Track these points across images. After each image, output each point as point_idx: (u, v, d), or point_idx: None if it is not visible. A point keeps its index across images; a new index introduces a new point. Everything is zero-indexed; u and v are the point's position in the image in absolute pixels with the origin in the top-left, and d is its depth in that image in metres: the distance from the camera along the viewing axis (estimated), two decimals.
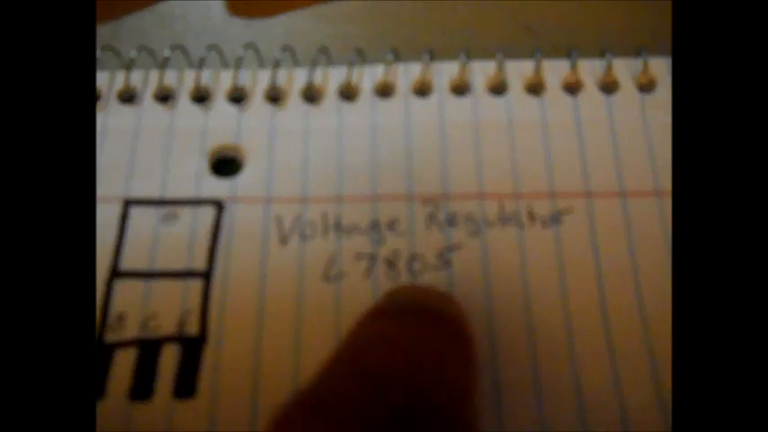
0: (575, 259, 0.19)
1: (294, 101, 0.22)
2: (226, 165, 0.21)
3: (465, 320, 0.16)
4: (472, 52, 0.22)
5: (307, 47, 0.23)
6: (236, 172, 0.21)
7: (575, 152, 0.21)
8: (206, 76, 0.22)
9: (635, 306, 0.19)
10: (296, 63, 0.23)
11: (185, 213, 0.20)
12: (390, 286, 0.19)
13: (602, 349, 0.18)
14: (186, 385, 0.18)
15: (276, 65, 0.22)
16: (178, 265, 0.19)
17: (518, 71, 0.22)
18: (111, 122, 0.22)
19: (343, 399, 0.13)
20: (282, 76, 0.22)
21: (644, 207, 0.20)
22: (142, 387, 0.18)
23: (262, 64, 0.23)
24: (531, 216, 0.20)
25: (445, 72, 0.22)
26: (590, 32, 0.24)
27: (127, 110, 0.22)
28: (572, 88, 0.22)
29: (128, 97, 0.22)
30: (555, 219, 0.20)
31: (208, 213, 0.20)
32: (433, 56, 0.22)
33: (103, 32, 0.24)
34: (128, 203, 0.20)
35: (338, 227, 0.20)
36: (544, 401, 0.18)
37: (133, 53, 0.22)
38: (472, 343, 0.16)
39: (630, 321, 0.18)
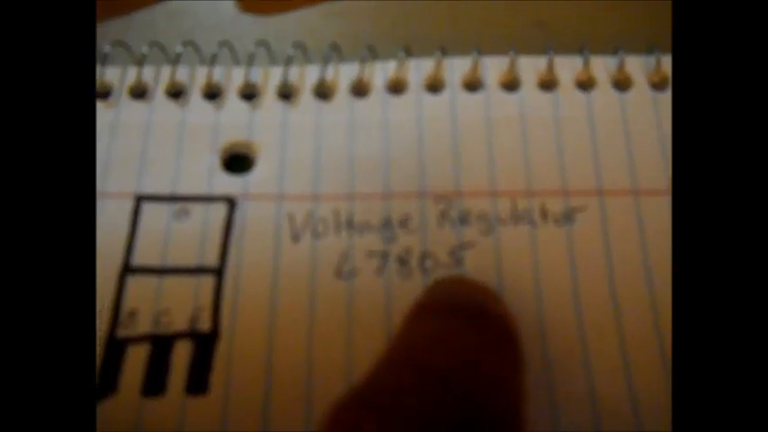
0: (587, 258, 0.19)
1: (306, 97, 0.22)
2: (238, 161, 0.21)
3: (512, 319, 0.17)
4: (484, 48, 0.22)
5: (318, 44, 0.23)
6: (248, 169, 0.21)
7: (587, 149, 0.21)
8: (218, 73, 0.22)
9: (647, 304, 0.19)
10: (307, 60, 0.23)
11: (197, 210, 0.20)
12: (405, 285, 0.19)
13: (615, 348, 0.18)
14: (199, 381, 0.18)
15: (288, 61, 0.22)
16: (190, 261, 0.19)
17: (531, 67, 0.22)
18: (123, 118, 0.22)
19: (400, 396, 0.13)
20: (294, 73, 0.22)
21: (657, 205, 0.20)
22: (154, 383, 0.18)
23: (273, 61, 0.23)
24: (544, 214, 0.20)
25: (457, 68, 0.22)
26: (603, 29, 0.24)
27: (138, 105, 0.22)
28: (585, 85, 0.22)
29: (139, 93, 0.22)
30: (568, 217, 0.20)
31: (220, 210, 0.20)
32: (445, 52, 0.22)
33: (113, 28, 0.24)
34: (140, 199, 0.20)
35: (350, 224, 0.20)
36: (557, 398, 0.18)
37: (145, 49, 0.22)
38: (520, 344, 0.16)
39: (643, 320, 0.18)
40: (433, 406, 0.13)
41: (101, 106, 0.22)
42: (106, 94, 0.22)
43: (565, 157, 0.21)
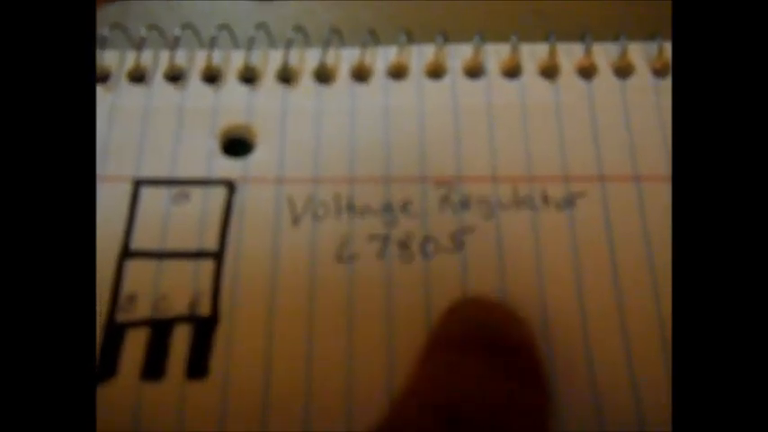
0: (588, 242, 0.19)
1: (306, 81, 0.22)
2: (237, 145, 0.21)
3: (534, 343, 0.16)
4: (486, 35, 0.22)
5: (318, 28, 0.22)
6: (248, 152, 0.21)
7: (588, 136, 0.21)
8: (217, 56, 0.22)
9: (649, 289, 0.19)
10: (308, 44, 0.22)
11: (196, 193, 0.20)
12: (405, 269, 0.19)
13: (617, 332, 0.18)
14: (198, 365, 0.18)
15: (288, 45, 0.22)
16: (189, 245, 0.19)
17: (532, 54, 0.22)
18: (122, 102, 0.21)
19: None
20: (294, 57, 0.22)
21: (657, 191, 0.20)
22: (154, 367, 0.18)
23: (273, 44, 0.22)
24: (545, 199, 0.20)
25: (459, 54, 0.22)
26: (604, 17, 0.24)
27: (137, 89, 0.22)
28: (586, 72, 0.22)
29: (138, 77, 0.22)
30: (569, 202, 0.20)
31: (219, 193, 0.20)
32: (447, 38, 0.22)
33: (111, 11, 0.24)
34: (138, 183, 0.20)
35: (351, 208, 0.20)
36: (558, 383, 0.17)
37: (143, 32, 0.22)
38: (543, 372, 0.16)
39: (645, 304, 0.18)
40: None
41: (99, 90, 0.22)
42: (105, 78, 0.22)
43: (566, 143, 0.21)
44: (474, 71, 0.22)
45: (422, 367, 0.16)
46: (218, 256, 0.19)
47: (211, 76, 0.22)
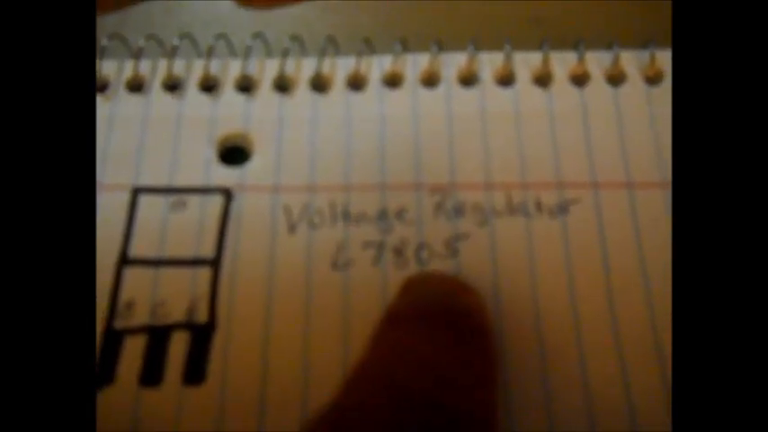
0: (582, 249, 0.19)
1: (302, 90, 0.22)
2: (234, 153, 0.21)
3: (482, 310, 0.17)
4: (480, 44, 0.22)
5: (314, 37, 0.23)
6: (245, 161, 0.21)
7: (582, 143, 0.21)
8: (214, 65, 0.22)
9: (642, 295, 0.19)
10: (304, 53, 0.23)
11: (194, 201, 0.20)
12: (400, 276, 0.19)
13: (610, 338, 0.18)
14: (196, 371, 0.18)
15: (284, 54, 0.22)
16: (187, 252, 0.20)
17: (525, 63, 0.22)
18: (120, 111, 0.22)
19: (369, 415, 0.13)
20: (291, 66, 0.22)
21: (650, 198, 0.20)
22: (152, 373, 0.18)
23: (270, 53, 0.23)
24: (539, 206, 0.20)
25: (453, 63, 0.22)
26: (597, 25, 0.24)
27: (135, 98, 0.22)
28: (579, 80, 0.22)
29: (136, 86, 0.22)
30: (562, 209, 0.20)
31: (216, 201, 0.20)
32: (441, 47, 0.22)
33: (110, 21, 0.24)
34: (136, 191, 0.20)
35: (346, 215, 0.20)
36: (551, 388, 0.18)
37: (141, 42, 0.22)
38: (492, 336, 0.16)
39: (637, 310, 0.19)
40: (402, 423, 0.13)
41: (98, 99, 0.22)
42: (103, 88, 0.22)
43: (559, 150, 0.21)
44: (468, 79, 0.22)
45: (373, 345, 0.16)
46: (215, 263, 0.19)
47: (209, 86, 0.22)
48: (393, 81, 0.22)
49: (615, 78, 0.22)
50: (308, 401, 0.18)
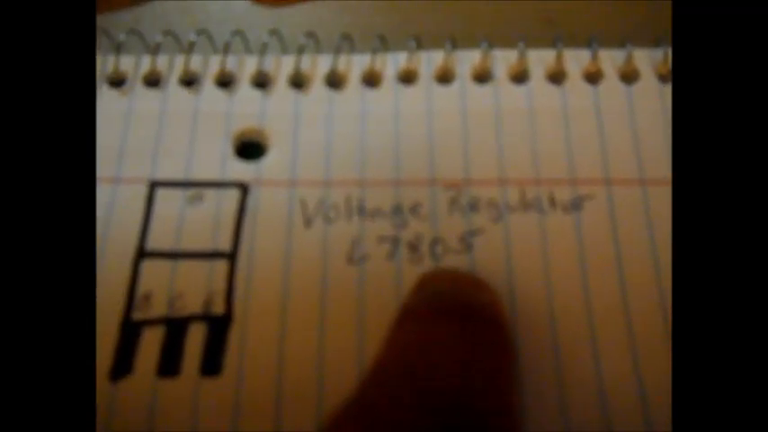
0: (595, 245, 0.19)
1: (317, 86, 0.22)
2: (250, 148, 0.21)
3: (498, 305, 0.17)
4: (494, 42, 0.22)
5: (330, 35, 0.23)
6: (261, 155, 0.21)
7: (595, 140, 0.21)
8: (231, 62, 0.23)
9: (655, 290, 0.19)
10: (319, 50, 0.23)
11: (210, 195, 0.20)
12: (415, 271, 0.19)
13: (623, 333, 0.18)
14: (212, 363, 0.18)
15: (300, 51, 0.22)
16: (204, 245, 0.20)
17: (539, 60, 0.22)
18: (137, 106, 0.22)
19: (390, 410, 0.13)
20: (306, 62, 0.23)
21: (663, 194, 0.20)
22: (169, 364, 0.18)
23: (285, 50, 0.23)
24: (553, 202, 0.20)
25: (467, 60, 0.22)
26: (611, 23, 0.24)
27: (152, 94, 0.22)
28: (592, 77, 0.22)
29: (153, 81, 0.22)
30: (576, 205, 0.20)
31: (233, 196, 0.20)
32: (456, 44, 0.23)
33: (127, 17, 0.24)
34: (154, 185, 0.21)
35: (361, 210, 0.20)
36: (565, 383, 0.18)
37: (158, 38, 0.23)
38: (508, 330, 0.16)
39: (650, 306, 0.19)
40: (422, 416, 0.13)
41: (115, 94, 0.22)
42: (121, 83, 0.22)
43: (573, 147, 0.21)
44: (482, 76, 0.22)
45: (391, 340, 0.16)
46: (231, 256, 0.20)
47: (225, 81, 0.22)
48: (407, 78, 0.22)
49: (628, 76, 0.22)
50: (324, 393, 0.18)
